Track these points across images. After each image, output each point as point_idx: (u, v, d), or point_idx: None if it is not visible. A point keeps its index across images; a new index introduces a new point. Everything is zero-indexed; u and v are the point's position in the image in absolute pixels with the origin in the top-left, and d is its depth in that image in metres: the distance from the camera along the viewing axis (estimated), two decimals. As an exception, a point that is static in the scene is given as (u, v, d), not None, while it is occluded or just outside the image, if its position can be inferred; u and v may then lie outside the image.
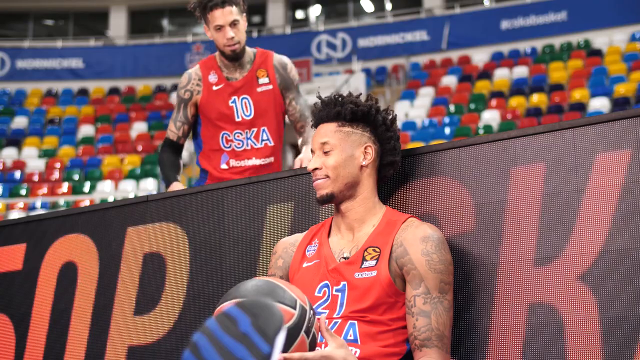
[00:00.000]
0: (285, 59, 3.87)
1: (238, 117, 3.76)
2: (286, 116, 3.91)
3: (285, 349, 1.83)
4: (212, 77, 3.78)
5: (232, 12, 3.68)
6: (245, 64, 3.79)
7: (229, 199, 2.84)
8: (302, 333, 1.87)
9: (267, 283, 1.94)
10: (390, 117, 2.38)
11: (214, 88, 3.76)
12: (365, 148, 2.33)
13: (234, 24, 3.69)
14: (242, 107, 3.75)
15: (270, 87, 3.79)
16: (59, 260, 3.21)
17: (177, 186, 3.60)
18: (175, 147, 3.82)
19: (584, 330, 2.16)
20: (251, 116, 3.75)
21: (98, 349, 3.03)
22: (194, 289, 2.85)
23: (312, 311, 1.94)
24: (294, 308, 1.89)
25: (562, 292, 2.21)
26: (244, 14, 3.75)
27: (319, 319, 1.97)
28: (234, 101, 3.76)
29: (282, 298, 1.90)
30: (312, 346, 1.90)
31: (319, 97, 2.42)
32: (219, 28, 3.68)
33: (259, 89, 3.77)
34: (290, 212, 2.70)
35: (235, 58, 3.75)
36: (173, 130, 3.85)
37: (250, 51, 3.83)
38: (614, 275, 2.15)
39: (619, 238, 2.16)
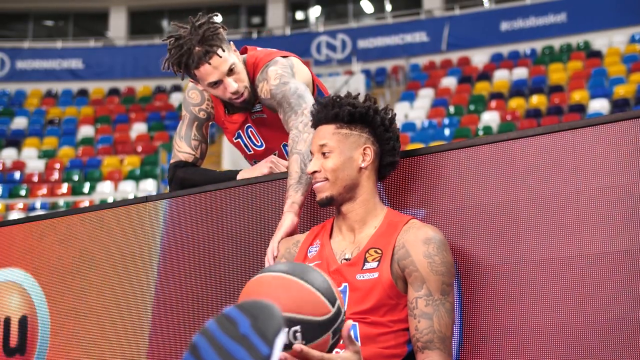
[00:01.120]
0: (258, 81, 2.96)
1: (249, 150, 3.14)
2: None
3: (309, 342, 1.81)
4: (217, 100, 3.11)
5: (222, 60, 2.85)
6: None
7: (228, 200, 2.84)
8: (330, 332, 1.85)
9: (324, 277, 1.87)
10: (389, 117, 2.37)
11: (222, 119, 3.12)
12: (364, 149, 2.32)
13: (231, 70, 2.89)
14: (251, 139, 3.11)
15: (265, 116, 3.05)
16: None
17: (246, 172, 2.95)
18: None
19: (584, 332, 2.16)
20: (262, 147, 3.11)
21: (98, 348, 3.03)
22: (193, 289, 2.85)
23: (344, 316, 1.89)
24: (333, 306, 1.83)
25: (562, 294, 2.21)
26: (231, 42, 2.93)
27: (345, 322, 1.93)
28: (239, 136, 3.12)
29: (330, 294, 1.84)
30: (332, 348, 1.88)
31: (317, 98, 2.41)
32: (215, 83, 2.90)
33: (253, 117, 3.07)
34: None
35: (245, 107, 3.03)
36: (187, 150, 3.07)
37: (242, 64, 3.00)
38: (613, 277, 2.15)
39: (618, 240, 2.16)
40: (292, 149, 2.63)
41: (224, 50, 2.86)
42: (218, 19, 2.95)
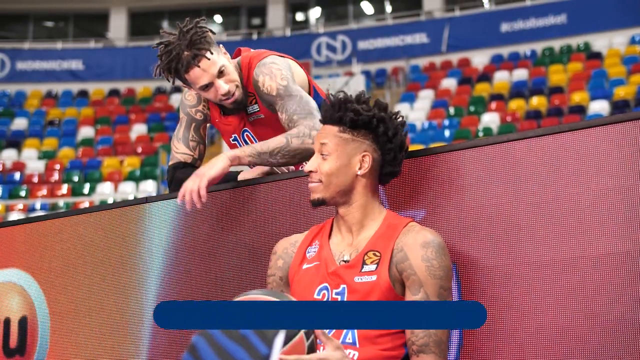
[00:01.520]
0: (257, 75, 2.94)
1: None
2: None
3: (281, 346, 1.82)
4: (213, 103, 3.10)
5: (211, 62, 2.85)
6: None
7: (229, 200, 2.84)
8: (302, 333, 1.85)
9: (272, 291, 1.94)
10: (395, 126, 2.30)
11: (216, 120, 3.12)
12: (363, 157, 2.28)
13: (221, 72, 2.89)
14: (247, 142, 3.08)
15: (262, 116, 3.02)
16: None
17: (247, 173, 2.96)
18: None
19: (584, 335, 2.16)
20: None
21: (98, 349, 3.03)
22: (194, 290, 2.85)
23: None
24: None
25: (562, 297, 2.21)
26: (220, 45, 2.94)
27: None
28: (235, 139, 3.11)
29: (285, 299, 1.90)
30: (311, 351, 1.88)
31: (329, 95, 2.38)
32: (206, 86, 2.90)
33: (251, 119, 3.04)
34: (290, 213, 2.70)
35: (238, 107, 3.02)
36: (185, 151, 3.08)
37: (235, 67, 2.99)
38: (614, 279, 2.15)
39: (618, 242, 2.16)
40: (288, 134, 2.75)
41: (212, 53, 2.86)
42: (210, 22, 2.96)
